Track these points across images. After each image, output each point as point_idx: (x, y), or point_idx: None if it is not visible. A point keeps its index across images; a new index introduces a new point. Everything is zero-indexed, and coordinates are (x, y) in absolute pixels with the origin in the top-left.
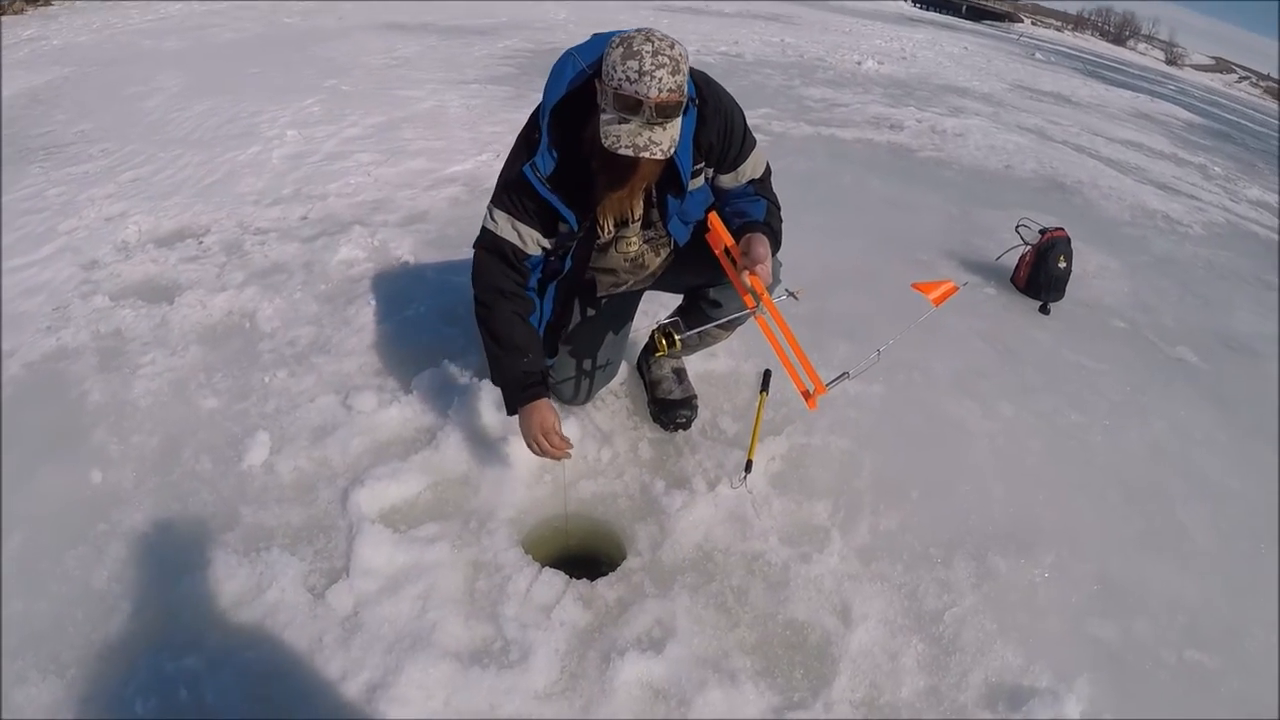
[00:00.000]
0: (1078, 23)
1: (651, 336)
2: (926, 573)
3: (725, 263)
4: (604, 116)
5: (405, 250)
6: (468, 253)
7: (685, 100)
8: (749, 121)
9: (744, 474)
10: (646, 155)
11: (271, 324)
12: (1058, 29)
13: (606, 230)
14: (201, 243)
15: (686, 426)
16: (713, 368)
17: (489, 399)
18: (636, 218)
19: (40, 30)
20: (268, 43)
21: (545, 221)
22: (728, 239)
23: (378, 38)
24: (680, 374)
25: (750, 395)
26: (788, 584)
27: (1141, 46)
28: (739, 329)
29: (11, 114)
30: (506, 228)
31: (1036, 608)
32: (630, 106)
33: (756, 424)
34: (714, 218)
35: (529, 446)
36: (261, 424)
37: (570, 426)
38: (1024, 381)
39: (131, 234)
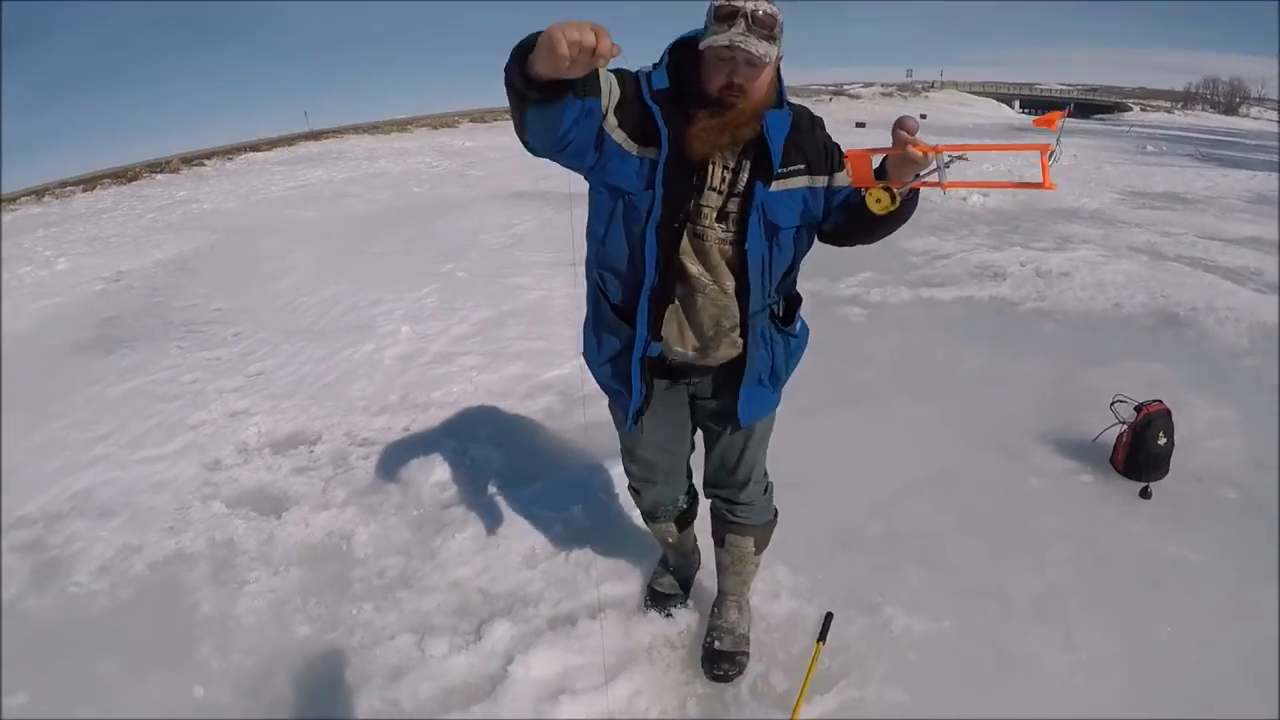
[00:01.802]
0: (1186, 99)
1: (869, 195)
2: None
3: (874, 182)
4: (704, 34)
5: (496, 475)
6: (557, 477)
7: (779, 29)
8: (847, 291)
9: None
10: (741, 46)
11: (365, 550)
12: (1167, 110)
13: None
14: (312, 451)
15: (726, 680)
16: (773, 610)
17: (551, 651)
18: (716, 177)
19: (193, 192)
20: (396, 216)
21: (632, 122)
22: (871, 151)
23: (499, 210)
24: (738, 627)
25: (809, 642)
26: None
27: (1254, 111)
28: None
29: (161, 281)
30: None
31: None
32: (727, 15)
33: (805, 684)
34: (850, 151)
35: (562, 42)
36: (346, 658)
37: (622, 682)
38: (1113, 594)
39: (251, 435)
